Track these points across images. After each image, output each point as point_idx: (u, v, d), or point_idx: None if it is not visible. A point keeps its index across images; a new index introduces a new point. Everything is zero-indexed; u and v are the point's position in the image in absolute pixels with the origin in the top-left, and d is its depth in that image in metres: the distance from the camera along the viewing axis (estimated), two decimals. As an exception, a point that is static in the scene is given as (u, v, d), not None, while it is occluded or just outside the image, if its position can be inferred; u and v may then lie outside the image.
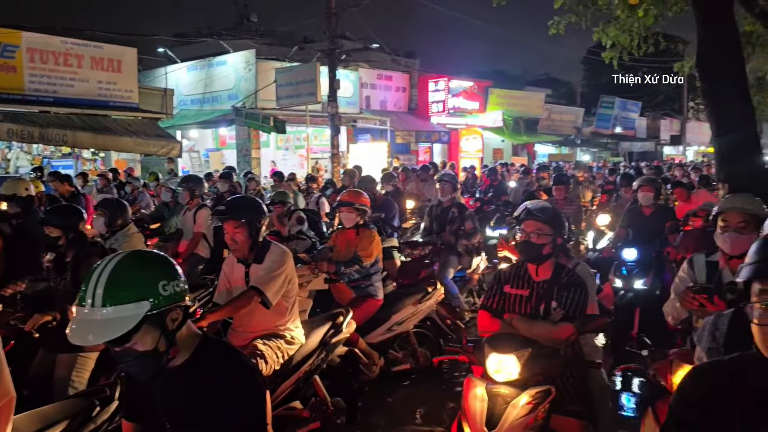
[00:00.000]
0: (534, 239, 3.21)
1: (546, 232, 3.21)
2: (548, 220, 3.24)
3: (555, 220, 3.26)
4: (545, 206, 3.36)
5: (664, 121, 38.81)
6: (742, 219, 3.12)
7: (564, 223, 3.39)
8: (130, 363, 1.80)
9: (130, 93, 16.09)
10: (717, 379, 1.44)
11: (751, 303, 1.29)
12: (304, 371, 3.96)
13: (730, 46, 8.25)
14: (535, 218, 3.24)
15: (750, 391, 1.35)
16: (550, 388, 2.83)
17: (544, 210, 3.29)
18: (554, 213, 3.33)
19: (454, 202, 7.14)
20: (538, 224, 3.22)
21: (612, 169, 17.42)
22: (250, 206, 3.80)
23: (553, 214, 3.29)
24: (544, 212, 3.27)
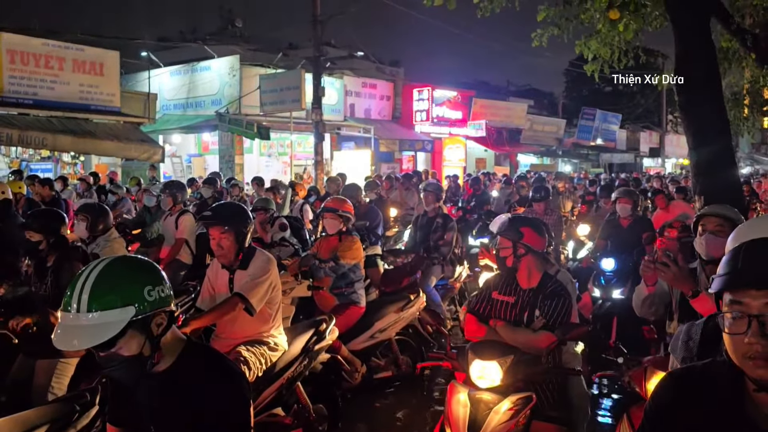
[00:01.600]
0: (502, 253, 3.46)
1: (505, 245, 3.45)
2: (506, 234, 3.48)
3: (512, 234, 3.47)
4: (506, 221, 3.67)
5: (643, 134, 39.34)
6: (718, 223, 3.22)
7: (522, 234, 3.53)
8: (115, 368, 1.81)
9: (112, 96, 15.95)
10: (689, 385, 1.48)
11: (723, 313, 1.34)
12: (287, 378, 3.96)
13: (707, 61, 8.42)
14: (499, 234, 3.53)
15: (719, 398, 1.40)
16: (531, 395, 2.88)
17: (505, 225, 3.57)
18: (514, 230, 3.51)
19: (439, 212, 7.19)
20: (500, 239, 3.50)
21: (592, 180, 17.61)
22: (236, 212, 3.81)
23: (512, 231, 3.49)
24: (504, 227, 3.56)
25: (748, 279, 1.29)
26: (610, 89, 44.43)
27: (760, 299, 1.26)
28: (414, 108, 25.54)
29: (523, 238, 3.40)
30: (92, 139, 14.34)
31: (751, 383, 1.31)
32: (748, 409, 1.35)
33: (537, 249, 3.44)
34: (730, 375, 1.38)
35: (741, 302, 1.29)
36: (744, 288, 1.29)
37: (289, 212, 9.71)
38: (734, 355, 1.31)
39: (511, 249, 3.37)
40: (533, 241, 3.42)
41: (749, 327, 1.26)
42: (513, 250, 3.37)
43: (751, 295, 1.28)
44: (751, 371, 1.28)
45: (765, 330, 1.25)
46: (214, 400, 1.84)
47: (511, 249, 3.37)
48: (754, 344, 1.25)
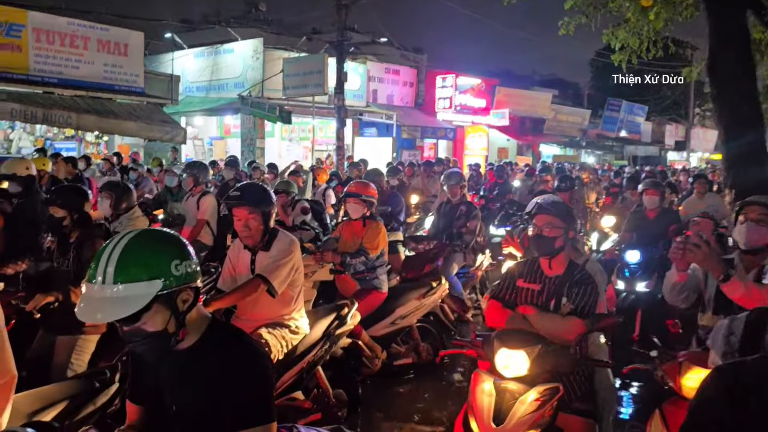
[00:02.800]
0: (546, 232, 3.20)
1: (557, 225, 3.21)
2: (559, 213, 3.25)
3: (566, 214, 3.27)
4: (556, 200, 3.38)
5: (669, 126, 38.72)
6: (761, 212, 3.14)
7: (575, 217, 3.38)
8: (139, 343, 1.76)
9: (136, 77, 16.02)
10: (739, 381, 1.41)
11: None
12: (308, 362, 3.92)
13: (741, 52, 8.21)
14: (546, 212, 3.24)
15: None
16: (559, 386, 2.80)
17: (555, 204, 3.31)
18: (565, 207, 3.35)
19: (463, 200, 7.10)
20: (549, 218, 3.23)
21: (617, 172, 17.37)
22: (263, 193, 3.75)
23: (564, 208, 3.32)
24: (555, 206, 3.29)
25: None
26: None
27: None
28: (437, 95, 25.36)
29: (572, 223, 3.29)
30: (115, 119, 14.42)
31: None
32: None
33: (571, 236, 3.33)
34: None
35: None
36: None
37: (311, 196, 9.68)
38: None
39: (563, 229, 3.22)
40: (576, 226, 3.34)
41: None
42: (564, 230, 3.22)
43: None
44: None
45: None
46: (239, 379, 1.79)
47: (562, 229, 3.21)
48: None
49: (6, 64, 13.49)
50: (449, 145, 26.87)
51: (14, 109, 12.70)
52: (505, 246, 5.64)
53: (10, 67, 13.56)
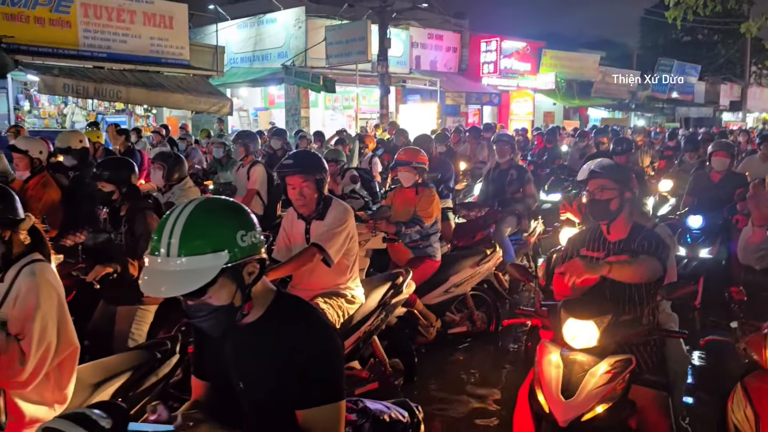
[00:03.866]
0: (598, 196, 3.04)
1: (610, 186, 3.03)
2: (611, 175, 3.07)
3: (619, 175, 3.09)
4: (608, 163, 3.21)
5: (723, 86, 37.07)
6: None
7: (630, 177, 3.19)
8: (204, 318, 1.69)
9: (182, 50, 16.09)
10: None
11: None
12: (364, 331, 3.89)
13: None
14: (597, 176, 3.07)
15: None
16: (631, 358, 2.68)
17: (606, 167, 3.14)
18: (617, 168, 3.18)
19: (513, 164, 6.91)
20: (601, 181, 3.05)
21: (671, 134, 16.77)
22: (316, 161, 3.69)
23: (616, 170, 3.14)
24: (605, 169, 3.11)
25: None
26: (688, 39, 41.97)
27: None
28: (481, 60, 24.80)
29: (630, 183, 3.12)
30: (163, 91, 14.55)
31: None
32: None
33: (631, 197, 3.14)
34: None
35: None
36: None
37: (358, 164, 9.60)
38: None
39: (617, 191, 3.04)
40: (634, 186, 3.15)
41: None
42: (619, 192, 3.05)
43: None
44: None
45: None
46: (308, 355, 1.72)
47: (616, 191, 3.03)
48: None
49: (57, 40, 13.69)
50: (494, 111, 26.34)
51: (66, 84, 12.92)
52: (563, 212, 5.47)
53: (61, 42, 13.76)
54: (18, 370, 2.36)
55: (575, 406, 2.56)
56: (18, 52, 12.99)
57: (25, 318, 2.41)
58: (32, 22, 13.35)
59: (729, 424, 2.46)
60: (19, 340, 2.39)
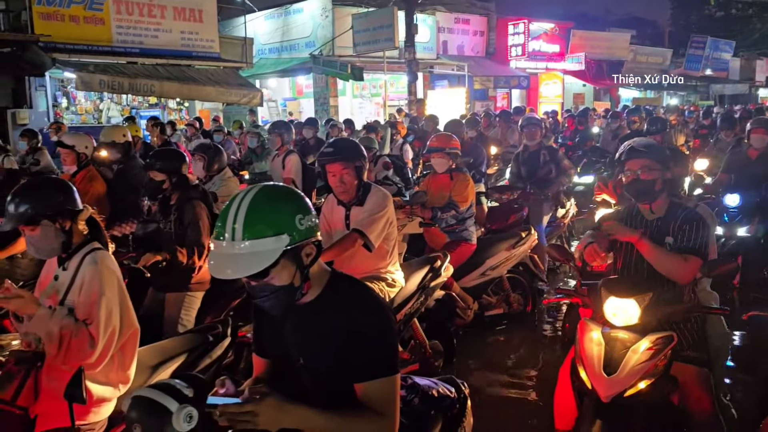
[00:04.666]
0: (643, 176, 3.00)
1: (654, 167, 3.00)
2: (655, 155, 3.04)
3: (661, 155, 3.07)
4: (648, 142, 3.17)
5: (759, 62, 36.07)
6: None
7: (670, 158, 3.19)
8: (267, 297, 1.80)
9: (212, 43, 16.31)
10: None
11: None
12: (404, 314, 3.98)
13: None
14: (640, 155, 3.03)
15: None
16: (672, 335, 2.72)
17: (649, 146, 3.10)
18: (659, 148, 3.15)
19: (543, 146, 6.90)
20: (644, 161, 3.01)
21: (706, 112, 16.47)
22: (355, 148, 3.76)
23: (658, 149, 3.12)
24: (649, 148, 3.07)
25: None
26: (722, 14, 40.98)
27: None
28: (509, 43, 24.54)
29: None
30: (195, 85, 14.78)
31: None
32: None
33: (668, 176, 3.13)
34: None
35: None
36: None
37: (389, 151, 9.67)
38: None
39: (660, 171, 3.01)
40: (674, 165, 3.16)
41: None
42: (660, 172, 3.03)
43: None
44: None
45: None
46: (365, 331, 1.81)
47: (658, 171, 3.01)
48: None
49: (91, 37, 14.00)
50: (522, 94, 26.10)
51: (102, 80, 13.22)
52: (599, 194, 5.47)
53: (95, 39, 14.06)
54: (88, 353, 2.51)
55: (618, 382, 2.61)
56: (55, 51, 13.34)
57: (91, 304, 2.55)
58: (67, 20, 13.67)
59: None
60: (87, 324, 2.53)
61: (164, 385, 1.69)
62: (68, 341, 2.47)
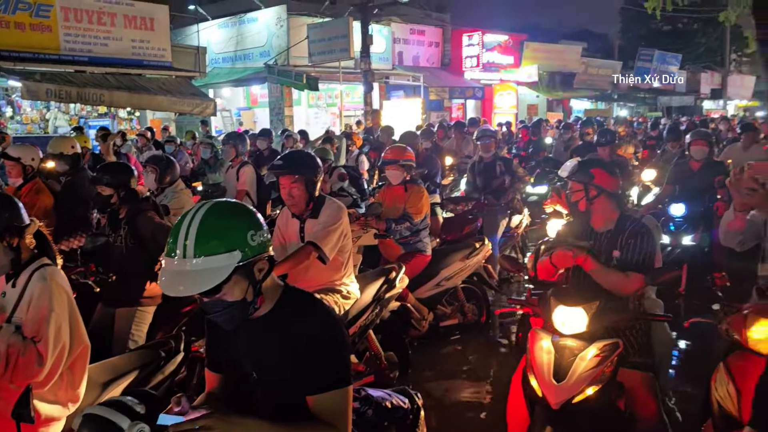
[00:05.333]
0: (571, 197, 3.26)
1: (575, 188, 3.27)
2: (574, 176, 3.28)
3: (580, 175, 3.28)
4: (570, 165, 3.41)
5: (704, 74, 37.50)
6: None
7: (617, 171, 3.35)
8: (219, 313, 1.81)
9: (164, 51, 16.04)
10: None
11: None
12: (360, 326, 3.99)
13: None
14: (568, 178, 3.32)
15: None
16: (618, 342, 2.80)
17: (569, 169, 3.37)
18: (580, 167, 3.35)
19: (498, 157, 7.03)
20: (570, 183, 3.29)
21: (654, 124, 17.00)
22: (306, 161, 3.77)
23: (578, 169, 3.32)
24: (570, 171, 3.33)
25: None
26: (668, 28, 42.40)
27: None
28: (464, 54, 24.94)
29: (594, 180, 3.24)
30: (147, 94, 14.50)
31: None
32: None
33: (610, 190, 3.27)
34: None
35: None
36: None
37: (345, 162, 9.68)
38: None
39: (583, 192, 3.21)
40: (605, 181, 3.24)
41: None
42: (585, 192, 3.21)
43: None
44: None
45: None
46: (318, 344, 1.83)
47: (582, 192, 3.21)
48: None
49: (38, 44, 13.59)
50: (477, 105, 26.52)
51: (49, 89, 12.85)
52: (552, 203, 5.59)
53: (42, 47, 13.65)
54: (36, 371, 2.45)
55: (566, 389, 2.68)
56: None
57: (40, 321, 2.50)
58: (12, 27, 13.26)
59: (713, 401, 2.59)
60: (36, 342, 2.47)
61: (115, 402, 1.67)
62: (15, 359, 2.41)
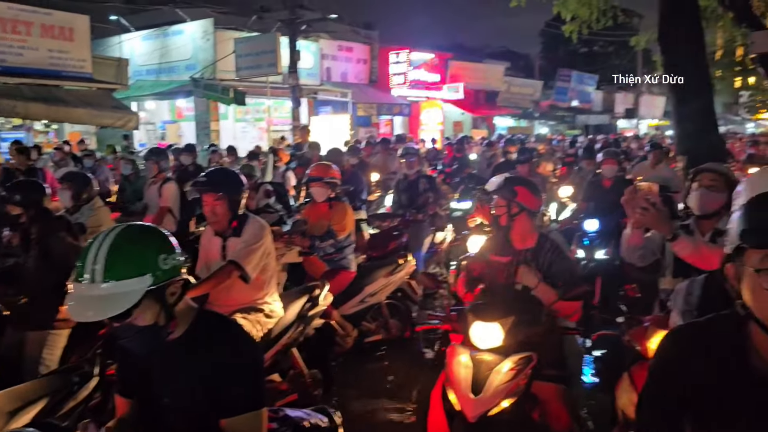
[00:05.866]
0: (495, 211, 3.38)
1: (499, 204, 3.39)
2: (498, 192, 3.42)
3: (504, 192, 3.42)
4: (497, 181, 3.50)
5: (618, 95, 39.47)
6: (712, 178, 3.28)
7: (540, 191, 3.51)
8: (130, 338, 1.78)
9: (83, 62, 15.49)
10: (693, 339, 1.50)
11: (761, 269, 1.32)
12: (283, 344, 3.98)
13: (692, 19, 8.44)
14: (494, 193, 3.41)
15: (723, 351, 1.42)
16: (532, 355, 2.91)
17: (495, 184, 3.46)
18: (527, 182, 3.48)
19: (422, 174, 7.17)
20: (496, 198, 3.41)
21: (572, 142, 17.71)
22: (230, 178, 3.75)
23: (502, 186, 3.44)
24: (496, 186, 3.44)
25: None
26: (585, 50, 44.50)
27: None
28: (391, 71, 25.28)
29: (517, 197, 3.38)
30: (65, 106, 13.95)
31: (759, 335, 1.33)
32: (752, 360, 1.38)
33: (531, 209, 3.42)
34: (735, 328, 1.40)
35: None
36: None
37: (271, 178, 9.62)
38: (763, 310, 1.31)
39: (505, 208, 3.34)
40: (527, 200, 3.39)
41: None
42: (507, 209, 3.34)
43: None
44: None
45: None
46: (231, 367, 1.82)
47: (505, 208, 3.34)
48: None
49: (-56, 52, 12.92)
50: (405, 121, 26.89)
51: (-43, 100, 12.21)
52: (475, 216, 5.73)
53: (-50, 56, 12.99)
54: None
55: (483, 402, 2.76)
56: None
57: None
58: None
59: (618, 409, 2.74)
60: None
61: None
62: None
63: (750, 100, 27.05)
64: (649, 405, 1.56)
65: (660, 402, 1.53)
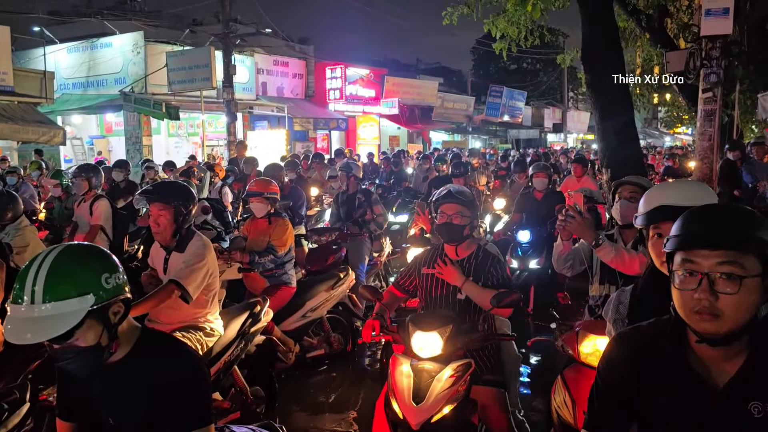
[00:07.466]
0: (456, 221, 3.35)
1: (466, 214, 3.35)
2: (468, 202, 3.38)
3: (473, 203, 3.43)
4: (464, 190, 3.51)
5: (547, 110, 40.83)
6: (632, 190, 3.52)
7: (477, 205, 3.60)
8: (71, 360, 1.74)
9: (4, 75, 14.86)
10: (637, 343, 1.60)
11: (674, 271, 1.46)
12: (224, 362, 3.94)
13: (612, 40, 8.91)
14: (457, 201, 3.36)
15: (665, 353, 1.53)
16: (470, 362, 3.00)
17: (464, 193, 3.43)
18: (472, 196, 3.50)
19: (360, 189, 7.24)
20: (458, 207, 3.35)
21: (504, 156, 18.20)
22: (178, 191, 3.72)
23: (471, 197, 3.46)
24: (464, 195, 3.41)
25: (701, 240, 1.41)
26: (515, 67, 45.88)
27: (711, 258, 1.38)
28: (327, 86, 25.41)
29: None
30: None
31: (693, 336, 1.45)
32: (690, 361, 1.49)
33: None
34: (675, 331, 1.51)
35: (693, 261, 1.41)
36: (697, 248, 1.41)
37: (208, 194, 9.49)
38: (682, 309, 1.43)
39: (469, 218, 3.34)
40: None
41: (699, 284, 1.39)
42: (471, 219, 3.35)
43: (702, 255, 1.39)
44: (696, 324, 1.41)
45: (713, 287, 1.38)
46: (177, 385, 1.82)
47: (469, 218, 3.34)
48: (702, 300, 1.38)
49: None
50: (342, 136, 27.01)
51: None
52: (416, 223, 5.81)
53: None
54: None
55: (425, 409, 2.83)
56: None
57: None
58: None
59: (553, 410, 2.86)
60: None
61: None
62: None
63: (667, 116, 28.59)
64: (597, 407, 1.63)
65: (607, 404, 1.61)
